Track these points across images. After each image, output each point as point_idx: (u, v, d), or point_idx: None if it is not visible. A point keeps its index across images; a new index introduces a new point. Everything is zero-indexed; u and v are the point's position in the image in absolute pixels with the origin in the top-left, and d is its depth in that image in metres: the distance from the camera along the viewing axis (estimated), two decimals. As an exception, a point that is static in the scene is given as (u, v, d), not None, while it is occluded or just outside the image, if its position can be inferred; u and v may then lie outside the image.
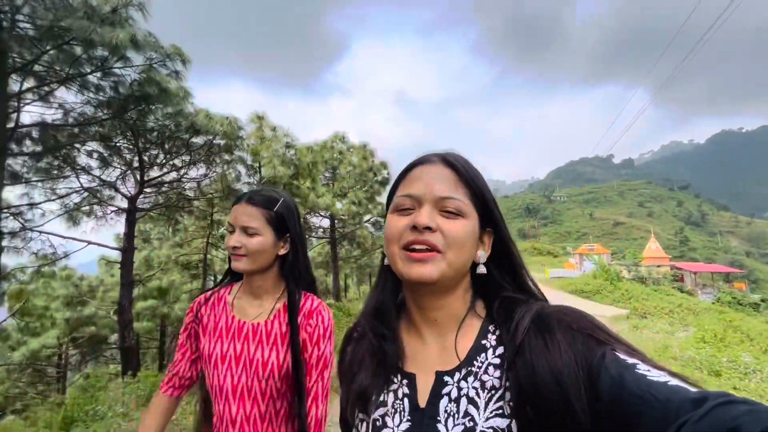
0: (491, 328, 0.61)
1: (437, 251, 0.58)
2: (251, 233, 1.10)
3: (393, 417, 0.61)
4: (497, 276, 0.65)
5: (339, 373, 0.74)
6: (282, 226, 1.15)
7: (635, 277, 29.15)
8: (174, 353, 1.29)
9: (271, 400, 1.09)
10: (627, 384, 0.43)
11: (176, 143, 9.13)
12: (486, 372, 0.57)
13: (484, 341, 0.60)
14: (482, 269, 0.63)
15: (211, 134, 9.01)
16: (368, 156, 16.53)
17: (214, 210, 11.41)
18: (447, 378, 0.60)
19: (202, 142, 9.30)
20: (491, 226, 0.64)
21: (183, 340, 1.24)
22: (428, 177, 0.62)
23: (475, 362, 0.59)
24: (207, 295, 1.23)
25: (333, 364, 1.09)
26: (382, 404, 0.63)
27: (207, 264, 12.95)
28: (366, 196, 16.28)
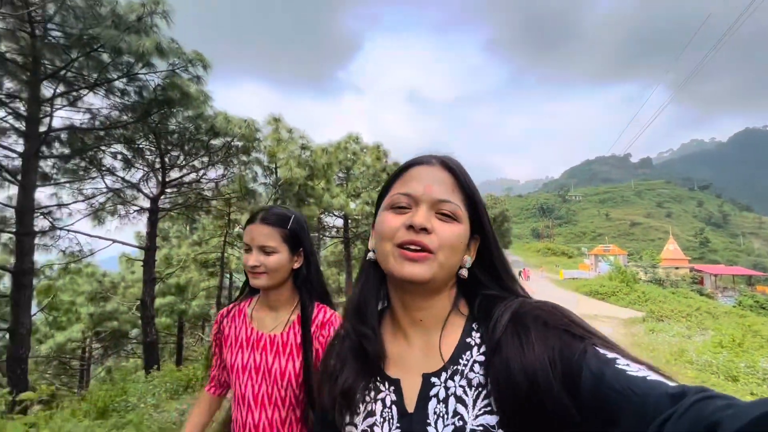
0: (475, 326, 0.62)
1: (431, 252, 0.58)
2: (269, 252, 1.16)
3: (382, 426, 0.60)
4: (480, 276, 0.65)
5: (322, 374, 0.72)
6: (296, 242, 1.21)
7: (652, 279, 28.60)
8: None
9: (291, 407, 1.15)
10: (607, 379, 0.43)
11: (196, 145, 9.40)
12: (472, 370, 0.57)
13: (469, 339, 0.61)
14: (464, 273, 0.64)
15: (230, 136, 9.27)
16: (381, 156, 16.69)
17: (231, 209, 11.70)
18: (434, 379, 0.60)
19: (221, 144, 9.57)
20: (480, 233, 0.65)
21: (214, 349, 1.34)
22: (426, 178, 0.62)
23: (461, 360, 0.59)
24: (229, 308, 1.31)
25: None
26: (371, 414, 0.62)
27: (224, 262, 13.27)
28: (379, 196, 16.36)
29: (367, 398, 0.64)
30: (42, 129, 6.88)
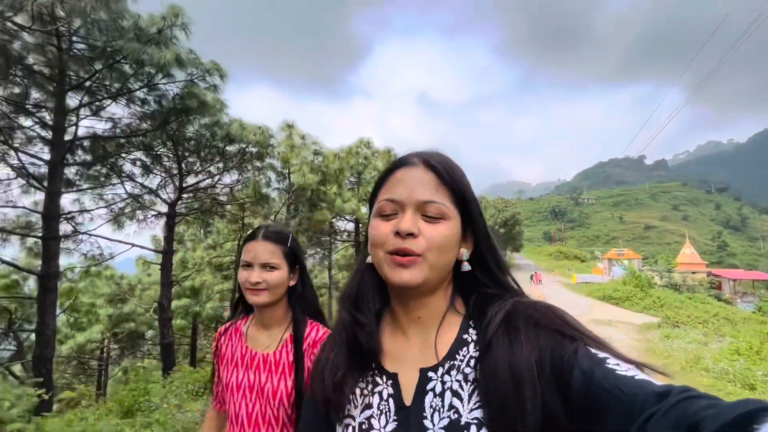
0: (471, 323, 0.63)
1: (420, 256, 0.59)
2: (271, 268, 1.17)
3: (379, 418, 0.62)
4: (476, 272, 0.66)
5: (314, 367, 0.72)
6: (294, 259, 1.23)
7: (668, 284, 27.99)
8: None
9: (285, 427, 1.15)
10: (597, 379, 0.45)
11: (212, 151, 9.66)
12: (468, 365, 0.59)
13: (466, 336, 0.62)
14: (466, 267, 0.64)
15: (244, 143, 9.50)
16: (392, 161, 16.79)
17: (245, 214, 11.93)
18: (431, 374, 0.61)
19: (236, 150, 9.82)
20: (471, 227, 0.65)
21: (215, 366, 1.35)
22: (409, 180, 0.62)
23: (458, 356, 0.60)
24: (226, 326, 1.33)
25: None
26: (368, 406, 0.63)
27: (238, 265, 13.48)
28: (390, 201, 16.48)
29: (365, 391, 0.65)
30: (67, 138, 7.17)
